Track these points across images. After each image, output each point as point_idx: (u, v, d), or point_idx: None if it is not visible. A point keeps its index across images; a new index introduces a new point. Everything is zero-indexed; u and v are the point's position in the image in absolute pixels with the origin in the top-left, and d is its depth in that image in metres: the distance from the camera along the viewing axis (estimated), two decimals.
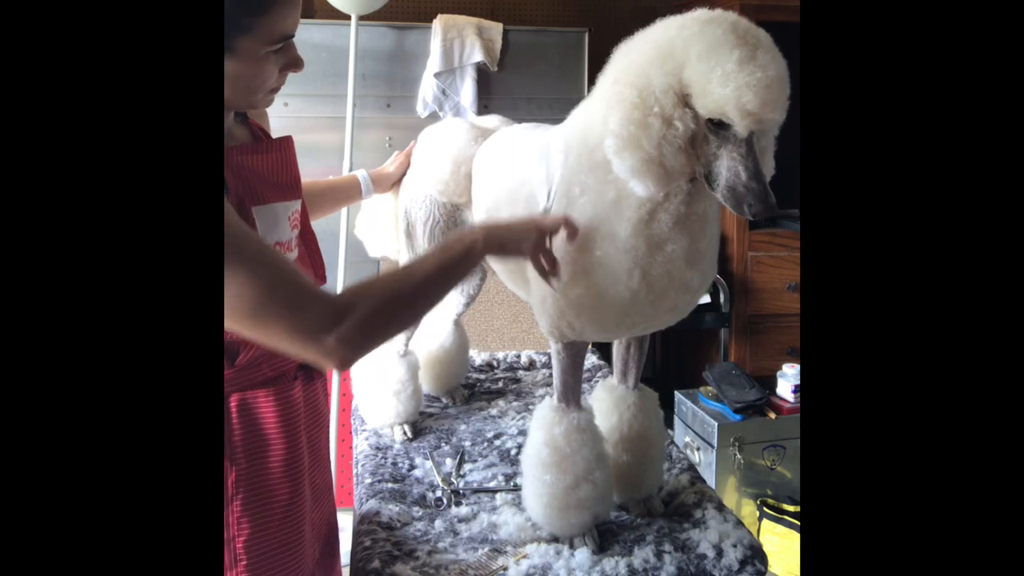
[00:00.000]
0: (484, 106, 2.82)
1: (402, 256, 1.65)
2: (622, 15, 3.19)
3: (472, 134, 1.48)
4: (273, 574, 1.07)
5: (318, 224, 1.30)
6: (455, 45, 2.77)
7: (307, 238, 1.19)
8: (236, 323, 0.91)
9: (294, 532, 1.10)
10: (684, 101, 1.01)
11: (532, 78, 2.86)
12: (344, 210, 2.60)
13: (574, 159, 1.16)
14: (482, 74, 2.81)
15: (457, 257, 1.06)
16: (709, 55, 0.97)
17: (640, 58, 1.04)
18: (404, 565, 1.21)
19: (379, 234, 1.73)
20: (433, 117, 2.81)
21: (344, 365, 0.97)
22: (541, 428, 1.27)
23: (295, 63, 1.05)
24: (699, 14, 1.03)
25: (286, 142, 1.14)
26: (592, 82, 1.16)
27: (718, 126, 1.00)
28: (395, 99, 2.81)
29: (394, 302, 1.00)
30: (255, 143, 1.13)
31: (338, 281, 2.65)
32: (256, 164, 1.07)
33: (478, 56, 2.76)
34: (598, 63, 1.17)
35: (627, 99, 1.02)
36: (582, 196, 1.14)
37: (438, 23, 2.78)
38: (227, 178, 1.01)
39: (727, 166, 1.00)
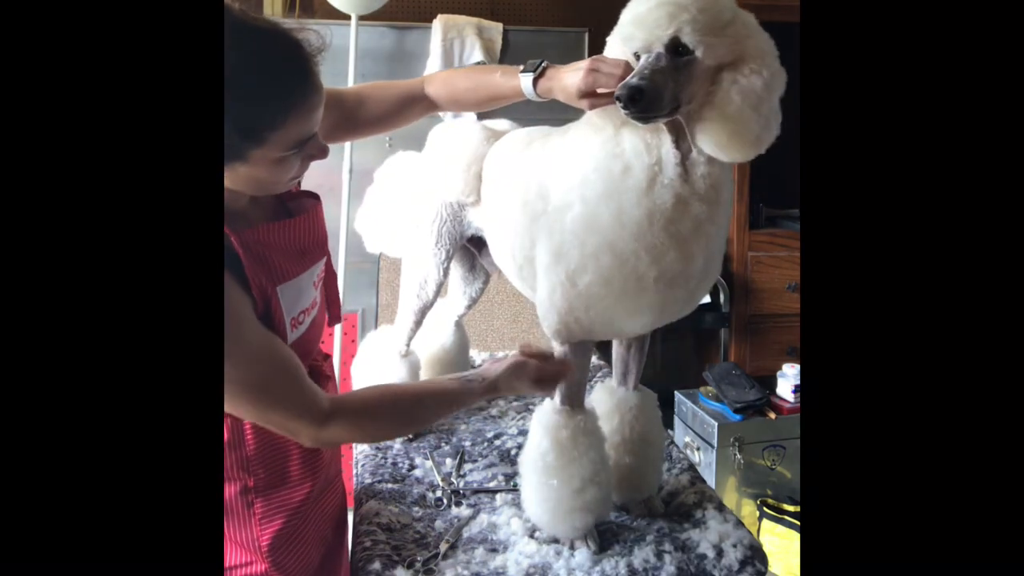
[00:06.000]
0: None
1: (402, 254, 1.64)
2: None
3: (484, 135, 1.48)
4: (291, 561, 1.12)
5: None
6: (455, 45, 2.77)
7: (329, 282, 1.19)
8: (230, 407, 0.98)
9: (308, 523, 1.16)
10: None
11: None
12: (344, 209, 2.60)
13: (589, 139, 1.18)
14: None
15: (452, 400, 1.15)
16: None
17: None
18: (405, 569, 1.21)
19: (380, 230, 1.73)
20: (433, 117, 2.80)
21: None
22: (545, 431, 1.26)
23: (320, 153, 1.00)
24: None
25: (314, 208, 1.12)
26: None
27: (637, 58, 1.08)
28: None
29: (379, 423, 1.12)
30: (277, 219, 1.08)
31: (339, 279, 2.65)
32: (281, 239, 1.04)
33: (478, 56, 2.75)
34: None
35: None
36: (594, 173, 1.15)
37: (438, 23, 2.77)
38: (247, 267, 0.98)
39: None
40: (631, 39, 1.07)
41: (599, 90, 1.12)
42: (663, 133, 1.11)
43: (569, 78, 1.15)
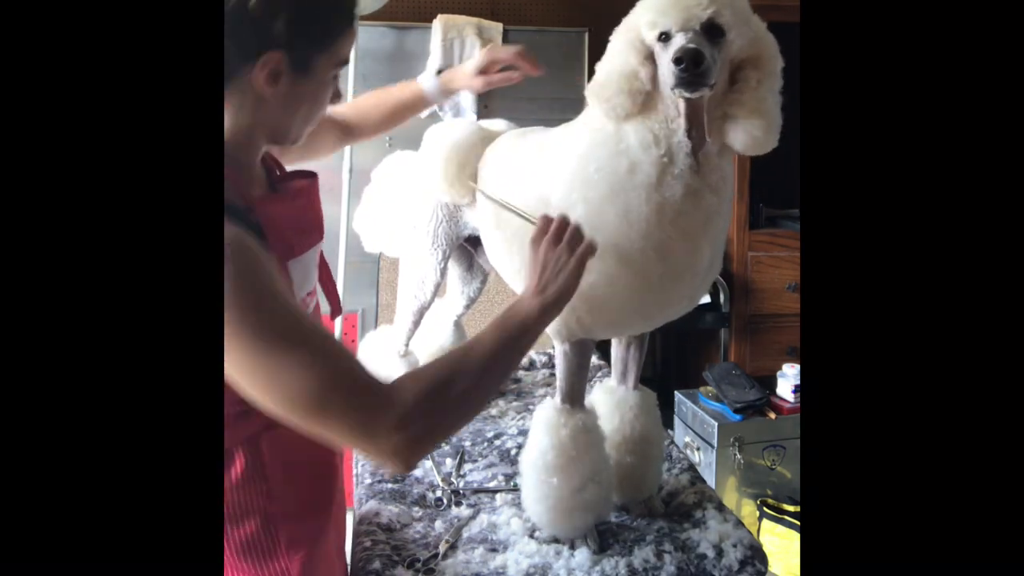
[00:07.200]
0: (484, 106, 2.81)
1: (400, 254, 1.64)
2: (622, 15, 3.19)
3: (479, 135, 1.48)
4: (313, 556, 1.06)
5: None
6: (455, 45, 2.77)
7: (324, 274, 1.15)
8: (291, 414, 0.85)
9: (330, 542, 1.10)
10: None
11: (532, 78, 2.85)
12: (344, 209, 2.60)
13: (587, 139, 1.18)
14: None
15: (515, 335, 1.01)
16: None
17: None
18: (405, 569, 1.21)
19: (378, 229, 1.73)
20: (433, 117, 2.80)
21: (407, 466, 0.91)
22: (546, 430, 1.26)
23: (338, 94, 1.02)
24: None
25: (312, 181, 1.08)
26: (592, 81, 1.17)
27: (663, 40, 1.08)
28: None
29: (459, 396, 0.93)
30: (276, 190, 1.04)
31: (339, 279, 2.65)
32: (283, 212, 0.99)
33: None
34: (598, 63, 1.18)
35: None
36: (596, 173, 1.15)
37: (438, 23, 2.77)
38: (269, 239, 0.93)
39: (666, 63, 1.06)
40: (664, 15, 1.07)
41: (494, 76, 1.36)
42: (675, 123, 1.10)
43: (467, 64, 1.36)
